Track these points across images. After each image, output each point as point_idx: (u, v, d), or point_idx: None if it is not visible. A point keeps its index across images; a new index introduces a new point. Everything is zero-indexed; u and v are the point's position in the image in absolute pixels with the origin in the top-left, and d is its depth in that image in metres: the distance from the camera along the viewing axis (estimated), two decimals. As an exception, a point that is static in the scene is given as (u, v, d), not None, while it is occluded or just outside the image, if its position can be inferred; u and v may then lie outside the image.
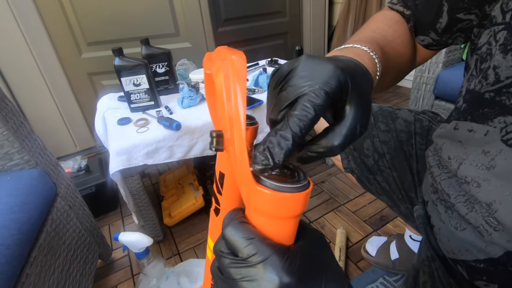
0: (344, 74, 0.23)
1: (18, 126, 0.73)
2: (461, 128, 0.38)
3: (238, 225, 0.22)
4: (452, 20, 0.43)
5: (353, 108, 0.23)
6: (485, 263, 0.36)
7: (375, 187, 0.66)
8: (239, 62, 0.22)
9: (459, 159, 0.38)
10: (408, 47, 0.46)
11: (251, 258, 0.21)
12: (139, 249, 0.74)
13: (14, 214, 0.59)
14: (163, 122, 0.94)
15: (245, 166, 0.20)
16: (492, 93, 0.34)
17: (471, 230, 0.37)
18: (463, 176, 0.37)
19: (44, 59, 1.45)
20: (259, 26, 1.90)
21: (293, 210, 0.21)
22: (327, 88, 0.22)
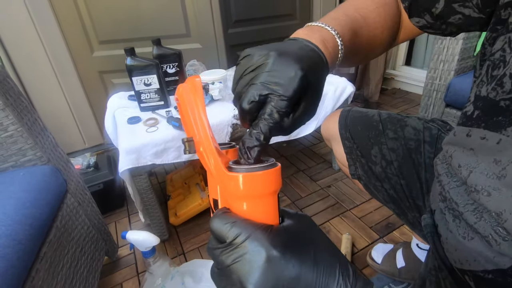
0: (307, 78, 0.27)
1: (32, 123, 0.74)
2: (473, 135, 0.38)
3: (221, 215, 0.24)
4: (448, 9, 0.42)
5: (305, 104, 0.29)
6: (493, 273, 0.36)
7: (382, 194, 0.65)
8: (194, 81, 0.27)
9: (469, 167, 0.38)
10: (386, 32, 0.46)
11: (236, 239, 0.22)
12: (146, 248, 0.74)
13: (26, 209, 0.60)
14: (172, 123, 0.95)
15: (216, 160, 0.24)
16: (508, 101, 0.33)
17: (480, 240, 0.36)
18: (473, 185, 0.37)
19: (57, 57, 1.48)
20: (269, 29, 1.90)
21: (266, 186, 0.23)
22: (291, 94, 0.26)
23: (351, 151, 0.67)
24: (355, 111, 0.70)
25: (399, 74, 2.28)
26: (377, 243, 0.99)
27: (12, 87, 0.71)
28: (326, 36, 0.36)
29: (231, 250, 0.22)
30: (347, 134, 0.68)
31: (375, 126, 0.65)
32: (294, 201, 1.25)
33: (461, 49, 1.12)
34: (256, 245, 0.21)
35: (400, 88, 2.32)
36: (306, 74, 0.27)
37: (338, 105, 1.17)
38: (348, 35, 0.39)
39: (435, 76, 1.21)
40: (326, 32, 0.36)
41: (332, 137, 0.73)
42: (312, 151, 1.59)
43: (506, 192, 0.33)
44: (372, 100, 2.09)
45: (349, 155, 0.68)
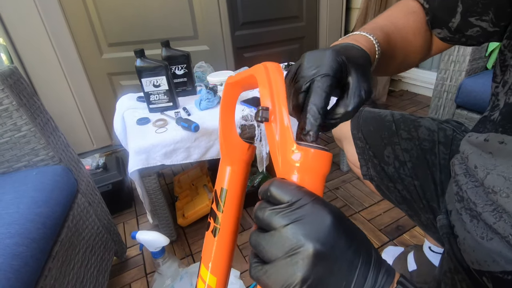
0: (340, 55, 0.29)
1: (45, 123, 0.75)
2: (491, 140, 0.38)
3: (281, 180, 0.25)
4: (464, 23, 0.44)
5: (353, 76, 0.30)
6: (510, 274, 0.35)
7: (395, 195, 0.64)
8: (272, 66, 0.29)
9: (486, 168, 0.38)
10: (419, 36, 0.48)
11: (299, 201, 0.22)
12: (155, 248, 0.74)
13: (39, 208, 0.60)
14: (181, 123, 0.95)
15: (288, 131, 0.25)
16: None
17: (499, 240, 0.36)
18: (490, 186, 0.37)
19: (66, 59, 1.50)
20: (275, 31, 1.90)
21: (327, 167, 0.25)
22: (329, 71, 0.28)
23: (363, 152, 0.66)
24: (367, 111, 0.70)
25: (406, 75, 2.26)
26: (387, 246, 0.97)
27: (25, 88, 0.72)
28: (359, 38, 0.39)
29: (293, 210, 0.22)
30: (359, 134, 0.67)
31: (388, 126, 0.64)
32: (302, 203, 1.24)
33: (473, 50, 1.11)
34: (320, 208, 0.22)
35: (408, 90, 2.30)
36: (339, 53, 0.30)
37: (346, 106, 1.16)
38: (382, 36, 0.41)
39: (445, 77, 1.20)
40: (358, 36, 0.40)
41: (343, 137, 0.72)
42: (320, 152, 1.58)
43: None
44: (380, 102, 2.07)
45: (361, 156, 0.67)
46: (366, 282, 0.22)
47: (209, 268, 0.34)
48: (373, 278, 0.23)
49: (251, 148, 0.33)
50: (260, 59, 0.30)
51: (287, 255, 0.22)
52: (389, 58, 0.44)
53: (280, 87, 0.27)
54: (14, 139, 0.69)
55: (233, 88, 0.33)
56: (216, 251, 0.34)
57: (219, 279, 0.35)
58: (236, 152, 0.33)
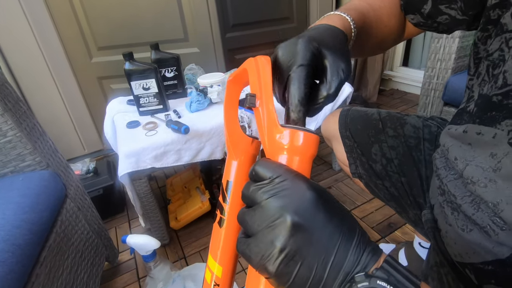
0: (312, 41, 0.30)
1: (31, 128, 0.74)
2: (470, 131, 0.39)
3: (266, 159, 0.26)
4: (435, 9, 0.45)
5: (329, 59, 0.31)
6: (492, 264, 0.36)
7: (383, 192, 0.65)
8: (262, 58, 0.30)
9: (466, 160, 0.39)
10: (393, 18, 0.49)
11: (280, 176, 0.23)
12: (146, 252, 0.74)
13: (25, 214, 0.59)
14: (171, 126, 0.95)
15: (273, 115, 0.27)
16: (500, 96, 0.35)
17: (478, 231, 0.37)
18: (469, 177, 0.38)
19: (55, 63, 1.48)
20: (267, 32, 1.91)
21: (312, 147, 0.26)
22: (303, 61, 0.29)
23: (352, 150, 0.67)
24: (355, 110, 0.71)
25: (396, 75, 2.29)
26: (379, 243, 0.98)
27: (10, 92, 0.71)
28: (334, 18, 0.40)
29: (274, 185, 0.23)
30: (347, 133, 0.68)
31: (375, 124, 0.65)
32: (295, 203, 1.25)
33: (458, 48, 1.13)
34: (300, 183, 0.23)
35: (398, 89, 2.33)
36: (311, 40, 0.31)
37: (336, 106, 1.17)
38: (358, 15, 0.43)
39: (432, 75, 1.22)
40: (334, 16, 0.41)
41: (332, 136, 0.73)
42: (312, 152, 1.59)
43: (502, 184, 0.34)
44: (371, 101, 2.09)
45: (349, 154, 0.68)
46: (347, 257, 0.23)
47: (217, 258, 0.35)
48: (355, 254, 0.23)
49: (255, 142, 0.34)
50: None
51: (267, 227, 0.22)
52: (365, 37, 0.45)
53: (267, 75, 0.28)
54: (0, 145, 0.68)
55: (233, 85, 0.35)
56: (223, 241, 0.35)
57: (225, 269, 0.36)
58: (240, 146, 0.34)
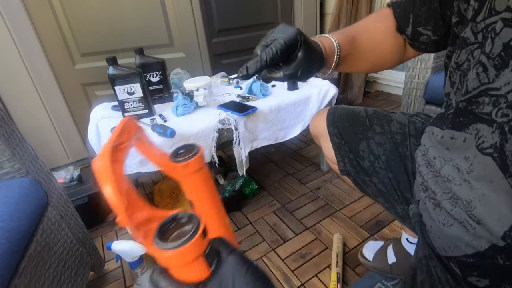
0: (301, 35, 0.40)
1: (10, 135, 0.72)
2: (445, 136, 0.42)
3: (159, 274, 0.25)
4: (415, 31, 0.50)
5: (300, 55, 0.41)
6: (473, 257, 0.37)
7: (371, 189, 0.66)
8: None
9: (443, 159, 0.41)
10: (389, 39, 0.54)
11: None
12: (132, 258, 0.72)
13: (3, 222, 0.57)
14: (157, 130, 0.94)
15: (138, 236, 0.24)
16: (464, 102, 0.38)
17: (457, 225, 0.38)
18: (446, 175, 0.40)
19: (37, 70, 1.45)
20: (252, 37, 1.92)
21: (183, 259, 0.23)
22: (287, 39, 0.39)
23: (340, 147, 0.68)
24: (342, 108, 0.72)
25: (381, 77, 2.34)
26: (368, 241, 0.99)
27: (-13, 98, 0.69)
28: (322, 39, 0.49)
29: None
30: (335, 130, 0.68)
31: (362, 121, 0.66)
32: (284, 204, 1.25)
33: (436, 48, 1.17)
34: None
35: (383, 91, 2.38)
36: (301, 34, 0.41)
37: (322, 107, 1.19)
38: (346, 39, 0.50)
39: (413, 74, 1.25)
40: (322, 37, 0.49)
41: (320, 134, 0.73)
42: (300, 154, 1.60)
43: (474, 184, 0.36)
44: (356, 103, 2.13)
45: (337, 151, 0.68)
46: None
47: None
48: None
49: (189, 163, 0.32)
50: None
51: None
52: (356, 56, 0.52)
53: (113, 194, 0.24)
54: (-24, 152, 0.66)
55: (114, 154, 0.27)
56: None
57: None
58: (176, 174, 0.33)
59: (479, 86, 0.36)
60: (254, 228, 1.14)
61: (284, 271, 0.95)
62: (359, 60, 0.53)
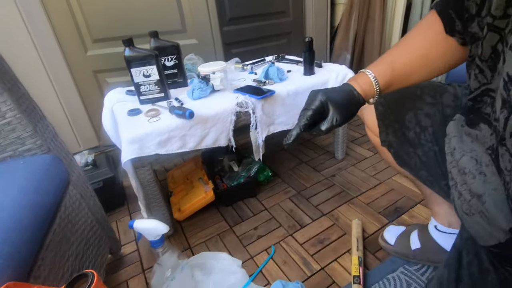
0: (323, 96, 0.48)
1: (31, 111, 0.71)
2: (465, 129, 0.43)
3: None
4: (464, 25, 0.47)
5: (330, 111, 0.48)
6: (497, 248, 0.38)
7: (414, 161, 0.64)
8: None
9: (463, 150, 0.42)
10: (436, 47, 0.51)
11: None
12: (154, 237, 0.71)
13: (29, 197, 0.56)
14: (175, 111, 0.93)
15: None
16: (471, 101, 0.40)
17: (478, 216, 0.39)
18: (463, 167, 0.41)
19: (49, 57, 1.44)
20: (263, 26, 1.90)
21: None
22: (312, 106, 0.48)
23: (384, 117, 0.66)
24: None
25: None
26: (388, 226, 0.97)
27: (7, 71, 0.68)
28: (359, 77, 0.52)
29: None
30: (381, 99, 0.67)
31: (412, 91, 0.64)
32: (299, 191, 1.23)
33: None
34: None
35: (394, 82, 2.35)
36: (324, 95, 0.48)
37: (340, 92, 1.17)
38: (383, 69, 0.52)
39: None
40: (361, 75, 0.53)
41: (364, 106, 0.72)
42: (314, 143, 1.59)
43: (490, 177, 0.37)
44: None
45: (381, 121, 0.67)
46: None
47: None
48: None
49: None
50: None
51: None
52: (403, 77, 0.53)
53: None
54: (-2, 127, 0.65)
55: None
56: None
57: None
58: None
59: (480, 86, 0.38)
60: (270, 214, 1.13)
61: (303, 256, 0.94)
62: (409, 79, 0.53)
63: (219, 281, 0.85)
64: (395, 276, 0.84)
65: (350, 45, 2.12)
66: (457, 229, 0.79)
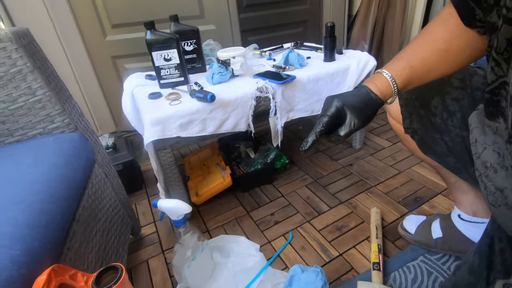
0: (339, 102, 0.47)
1: (59, 90, 0.72)
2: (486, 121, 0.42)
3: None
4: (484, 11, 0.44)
5: (347, 116, 0.47)
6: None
7: (441, 147, 0.62)
8: None
9: (485, 143, 0.41)
10: (456, 40, 0.48)
11: None
12: (178, 216, 0.72)
13: (61, 170, 0.58)
14: (196, 95, 0.93)
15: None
16: (488, 94, 0.39)
17: (504, 208, 0.37)
18: (485, 161, 0.40)
19: (69, 42, 1.45)
20: (279, 13, 1.87)
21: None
22: (328, 113, 0.48)
23: (408, 103, 0.65)
24: None
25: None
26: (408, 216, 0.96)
27: (38, 51, 0.69)
28: (377, 78, 0.50)
29: None
30: None
31: None
32: (316, 179, 1.23)
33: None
34: None
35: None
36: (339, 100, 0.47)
37: (361, 79, 1.14)
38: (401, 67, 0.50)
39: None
40: (378, 76, 0.50)
41: None
42: (330, 132, 1.57)
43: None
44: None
45: (405, 107, 0.65)
46: None
47: None
48: None
49: None
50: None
51: None
52: (423, 73, 0.50)
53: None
54: (29, 104, 0.66)
55: None
56: None
57: None
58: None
59: (497, 79, 0.37)
60: (286, 201, 1.13)
61: (321, 242, 0.94)
62: (429, 75, 0.51)
63: (238, 263, 0.86)
64: (415, 265, 0.83)
65: (368, 34, 2.06)
66: (482, 218, 0.77)
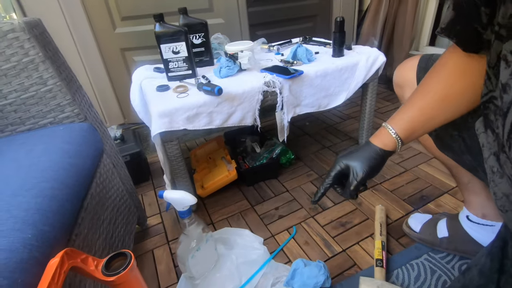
0: (343, 160, 0.53)
1: (70, 80, 0.73)
2: None
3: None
4: None
5: (350, 174, 0.52)
6: None
7: (459, 144, 0.61)
8: None
9: (490, 149, 0.41)
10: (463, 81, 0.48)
11: None
12: (183, 208, 0.73)
13: (71, 158, 0.59)
14: (203, 88, 0.93)
15: None
16: (481, 105, 0.40)
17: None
18: (491, 166, 0.40)
19: (79, 34, 1.47)
20: (288, 8, 1.86)
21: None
22: (331, 172, 0.53)
23: None
24: (439, 56, 0.66)
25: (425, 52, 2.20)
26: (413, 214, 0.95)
27: (50, 42, 0.70)
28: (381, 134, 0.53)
29: None
30: None
31: None
32: (321, 175, 1.23)
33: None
34: None
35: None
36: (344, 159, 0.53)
37: (369, 75, 1.13)
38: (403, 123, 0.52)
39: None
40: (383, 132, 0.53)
41: (405, 83, 0.68)
42: (336, 129, 1.56)
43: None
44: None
45: None
46: None
47: None
48: None
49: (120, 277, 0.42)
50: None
51: None
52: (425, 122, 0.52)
53: None
54: (40, 94, 0.68)
55: None
56: None
57: None
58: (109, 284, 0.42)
59: (487, 92, 0.38)
60: (291, 196, 1.13)
61: (324, 237, 0.94)
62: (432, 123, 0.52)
63: (241, 256, 0.87)
64: (419, 262, 0.83)
65: (378, 30, 2.03)
66: (492, 221, 0.76)
